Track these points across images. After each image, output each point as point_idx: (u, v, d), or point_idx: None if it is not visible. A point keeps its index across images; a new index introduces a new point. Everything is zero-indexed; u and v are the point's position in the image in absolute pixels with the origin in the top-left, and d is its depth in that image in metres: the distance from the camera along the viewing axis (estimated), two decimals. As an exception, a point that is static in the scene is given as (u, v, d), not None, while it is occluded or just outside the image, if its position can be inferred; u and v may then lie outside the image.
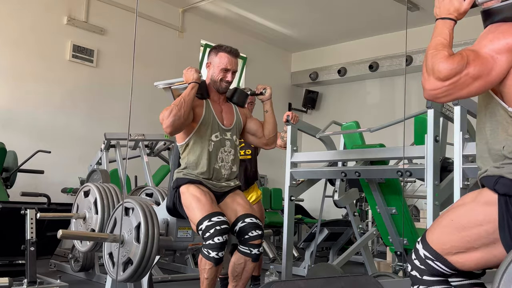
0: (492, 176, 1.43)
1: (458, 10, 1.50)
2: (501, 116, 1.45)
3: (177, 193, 2.60)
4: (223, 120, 2.71)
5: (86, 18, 6.15)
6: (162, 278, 4.02)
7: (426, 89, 1.42)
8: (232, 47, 2.74)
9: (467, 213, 1.46)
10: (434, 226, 1.56)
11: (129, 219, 2.59)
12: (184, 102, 2.49)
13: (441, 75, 1.37)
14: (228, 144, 2.69)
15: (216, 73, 2.69)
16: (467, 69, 1.36)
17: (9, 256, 3.58)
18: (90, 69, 6.18)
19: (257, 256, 2.52)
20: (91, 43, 6.18)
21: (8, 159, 4.68)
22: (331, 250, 5.20)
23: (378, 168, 3.24)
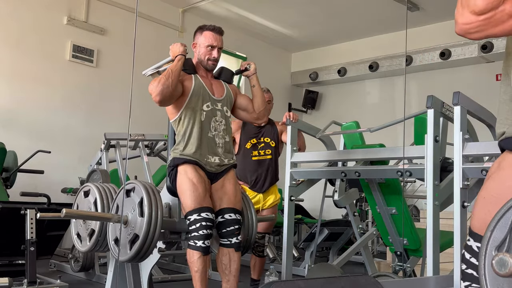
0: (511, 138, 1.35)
1: None
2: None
3: (174, 171, 2.66)
4: (213, 91, 2.78)
5: (86, 18, 6.15)
6: (162, 278, 4.02)
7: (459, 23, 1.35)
8: (217, 25, 2.82)
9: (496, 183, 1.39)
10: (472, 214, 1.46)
11: (131, 198, 2.60)
12: (172, 72, 2.56)
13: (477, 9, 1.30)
14: (219, 114, 2.75)
15: (203, 51, 2.77)
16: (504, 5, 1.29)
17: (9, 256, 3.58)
18: (90, 69, 6.18)
19: (238, 244, 2.61)
20: (91, 43, 6.18)
21: (8, 159, 4.68)
22: (331, 250, 5.20)
23: (378, 168, 3.24)
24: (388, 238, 3.51)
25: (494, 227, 1.17)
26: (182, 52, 2.68)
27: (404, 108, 6.49)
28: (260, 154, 3.60)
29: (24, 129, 5.56)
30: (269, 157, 3.62)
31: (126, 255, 2.52)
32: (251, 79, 2.89)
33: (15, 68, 5.58)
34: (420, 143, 2.96)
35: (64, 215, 2.48)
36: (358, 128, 3.72)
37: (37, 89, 5.72)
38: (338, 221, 5.46)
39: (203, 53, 2.77)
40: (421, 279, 2.73)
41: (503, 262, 0.97)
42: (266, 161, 3.61)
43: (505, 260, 0.97)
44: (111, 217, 2.61)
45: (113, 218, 2.60)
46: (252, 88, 2.90)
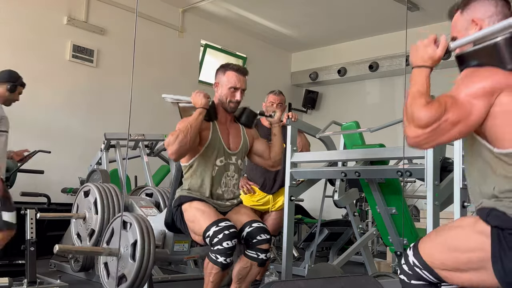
0: (486, 208, 1.45)
1: (432, 57, 1.57)
2: (487, 157, 1.47)
3: (179, 211, 2.57)
4: (229, 144, 2.67)
5: (86, 18, 6.15)
6: (162, 278, 4.02)
7: (409, 137, 1.46)
8: (241, 65, 2.73)
9: (462, 237, 1.48)
10: (428, 238, 1.58)
11: (126, 234, 2.58)
12: (191, 128, 2.45)
13: (421, 123, 1.41)
14: (232, 169, 2.66)
15: (225, 93, 2.64)
16: (445, 115, 1.39)
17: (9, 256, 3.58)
18: (90, 69, 6.18)
19: (263, 262, 2.48)
20: (91, 43, 6.18)
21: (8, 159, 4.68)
22: (331, 250, 5.20)
23: (378, 168, 3.23)
24: (388, 238, 3.51)
25: None
26: (204, 105, 2.55)
27: (404, 108, 6.46)
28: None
29: (24, 129, 5.56)
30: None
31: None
32: (273, 127, 2.80)
33: (15, 68, 5.55)
34: (420, 143, 2.95)
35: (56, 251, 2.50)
36: (358, 128, 3.72)
37: (37, 89, 5.70)
38: (338, 221, 5.46)
39: (225, 95, 2.65)
40: (421, 279, 2.73)
41: None
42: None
43: None
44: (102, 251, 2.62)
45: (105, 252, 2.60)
46: (273, 136, 2.81)
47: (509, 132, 1.41)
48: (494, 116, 1.42)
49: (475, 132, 1.48)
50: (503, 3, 1.58)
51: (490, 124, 1.42)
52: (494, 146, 1.44)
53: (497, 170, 1.44)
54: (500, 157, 1.43)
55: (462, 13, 1.64)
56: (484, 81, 1.42)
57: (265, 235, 2.49)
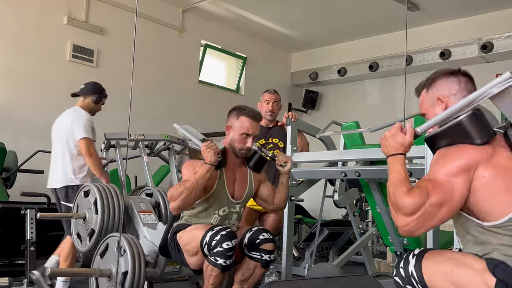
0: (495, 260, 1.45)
1: (403, 144, 1.62)
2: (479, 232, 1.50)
3: (174, 240, 2.52)
4: (234, 193, 2.62)
5: (86, 18, 6.15)
6: (162, 278, 4.01)
7: (399, 226, 1.49)
8: (255, 110, 2.64)
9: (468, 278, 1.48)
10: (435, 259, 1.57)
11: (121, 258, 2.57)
12: (197, 185, 2.39)
13: (407, 211, 1.44)
14: (234, 217, 2.63)
15: (236, 138, 2.58)
16: (429, 199, 1.42)
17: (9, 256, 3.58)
18: (90, 69, 6.18)
19: (267, 263, 2.46)
20: (91, 43, 6.18)
21: (8, 159, 4.68)
22: (331, 250, 5.20)
23: (378, 168, 3.23)
24: (388, 238, 3.51)
25: None
26: (213, 163, 2.45)
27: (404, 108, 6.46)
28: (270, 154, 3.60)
29: (24, 129, 5.56)
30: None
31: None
32: (281, 176, 2.73)
33: (15, 68, 5.58)
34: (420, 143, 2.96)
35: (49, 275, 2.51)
36: (358, 128, 3.72)
37: (37, 89, 5.71)
38: (338, 221, 5.46)
39: (236, 140, 2.58)
40: (421, 279, 2.73)
41: None
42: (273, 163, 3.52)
43: None
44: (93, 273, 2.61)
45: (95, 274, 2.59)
46: (280, 184, 2.75)
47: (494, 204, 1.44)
48: (476, 192, 1.45)
49: (461, 210, 1.51)
50: (466, 80, 1.65)
51: (473, 200, 1.45)
52: (484, 220, 1.46)
53: (493, 241, 1.46)
54: (492, 230, 1.46)
55: (428, 91, 1.70)
56: (458, 159, 1.46)
57: (267, 234, 2.47)
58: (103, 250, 2.71)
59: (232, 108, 2.67)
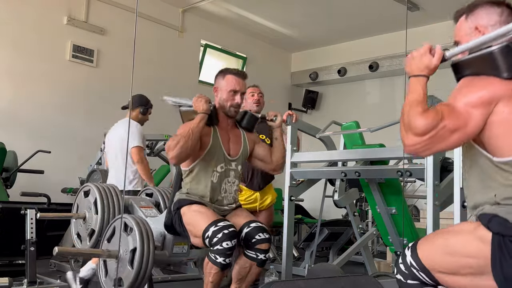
0: (488, 214, 1.44)
1: (428, 66, 1.56)
2: (487, 165, 1.47)
3: (177, 214, 2.56)
4: (229, 150, 2.67)
5: (86, 18, 6.15)
6: (162, 278, 4.02)
7: (406, 145, 1.47)
8: (239, 69, 2.73)
9: (462, 242, 1.48)
10: (427, 240, 1.58)
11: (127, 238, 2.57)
12: (192, 133, 2.44)
13: (418, 131, 1.42)
14: (232, 175, 2.66)
15: (225, 97, 2.63)
16: (442, 122, 1.40)
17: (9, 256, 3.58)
18: (90, 69, 6.18)
19: (263, 262, 2.48)
20: (91, 43, 6.18)
21: (8, 159, 4.68)
22: (331, 250, 5.20)
23: (378, 168, 3.23)
24: (388, 238, 3.51)
25: None
26: (206, 111, 2.54)
27: (404, 108, 6.47)
28: None
29: (24, 129, 5.56)
30: None
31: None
32: (274, 131, 2.79)
33: (15, 68, 5.58)
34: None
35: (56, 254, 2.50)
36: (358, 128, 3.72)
37: (37, 89, 5.71)
38: (338, 221, 5.46)
39: (225, 99, 2.64)
40: (421, 279, 2.73)
41: None
42: None
43: None
44: (101, 253, 2.61)
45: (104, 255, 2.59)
46: (274, 140, 2.80)
47: (508, 141, 1.41)
48: (492, 126, 1.42)
49: (473, 141, 1.49)
50: (508, 12, 1.57)
51: (488, 134, 1.43)
52: (494, 155, 1.44)
53: (497, 179, 1.44)
54: (499, 166, 1.44)
55: (467, 18, 1.64)
56: (481, 91, 1.42)
57: (264, 235, 2.48)
58: (110, 234, 2.71)
59: (218, 71, 2.74)
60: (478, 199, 1.51)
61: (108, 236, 2.72)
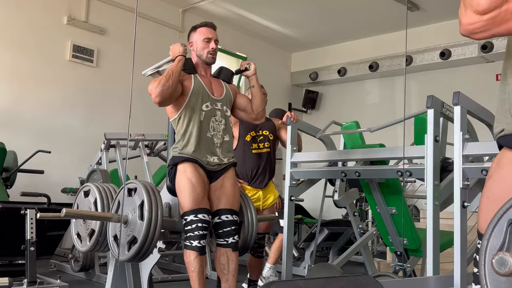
0: (510, 135, 1.35)
1: None
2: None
3: (173, 170, 2.67)
4: (213, 91, 2.79)
5: (86, 18, 6.15)
6: (162, 278, 4.02)
7: (463, 24, 1.34)
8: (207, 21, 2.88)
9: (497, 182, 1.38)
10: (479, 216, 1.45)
11: (132, 198, 2.60)
12: (172, 73, 2.58)
13: (480, 8, 1.29)
14: (218, 114, 2.76)
15: (200, 45, 2.79)
16: (508, 4, 1.28)
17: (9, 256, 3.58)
18: (90, 69, 6.18)
19: (235, 244, 2.61)
20: (91, 43, 6.18)
21: (8, 159, 4.68)
22: (331, 250, 5.20)
23: (378, 168, 3.23)
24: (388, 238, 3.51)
25: (493, 228, 1.18)
26: (182, 53, 2.68)
27: (404, 108, 6.49)
28: (259, 147, 3.54)
29: (24, 129, 5.56)
30: (267, 150, 3.57)
31: (124, 256, 2.53)
32: (250, 80, 2.90)
33: (15, 68, 5.58)
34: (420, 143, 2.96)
35: (64, 214, 2.48)
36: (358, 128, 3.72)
37: (37, 89, 5.72)
38: (338, 221, 5.46)
39: (201, 48, 2.79)
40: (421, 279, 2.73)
41: (503, 261, 0.97)
42: (265, 154, 3.56)
43: (504, 259, 0.97)
44: (111, 217, 2.62)
45: (113, 218, 2.60)
46: (251, 88, 2.91)
47: None
48: None
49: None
50: None
51: None
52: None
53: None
54: None
55: None
56: None
57: (232, 227, 2.64)
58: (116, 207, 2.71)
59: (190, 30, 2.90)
60: (504, 103, 1.39)
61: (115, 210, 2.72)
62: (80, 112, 6.04)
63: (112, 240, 2.70)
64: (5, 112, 5.44)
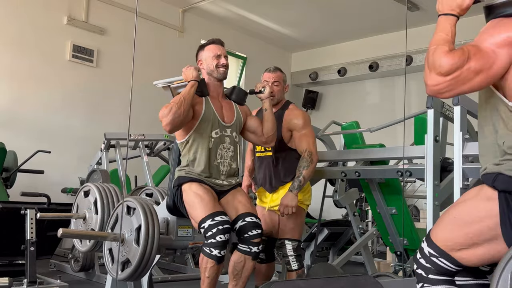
0: (491, 173, 1.43)
1: (460, 6, 1.49)
2: (502, 111, 1.44)
3: (179, 191, 2.60)
4: (223, 117, 2.71)
5: (86, 18, 6.15)
6: (162, 278, 4.02)
7: (429, 85, 1.41)
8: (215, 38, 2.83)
9: (469, 209, 1.46)
10: (437, 223, 1.57)
11: (130, 219, 2.59)
12: (184, 100, 2.49)
13: (443, 70, 1.37)
14: (227, 141, 2.70)
15: (210, 63, 2.72)
16: (468, 63, 1.35)
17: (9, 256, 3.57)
18: (90, 69, 6.18)
19: (256, 255, 2.53)
20: (91, 43, 6.18)
21: (8, 159, 4.68)
22: (331, 250, 5.20)
23: (378, 168, 3.24)
24: (388, 238, 3.52)
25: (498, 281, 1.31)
26: (195, 78, 2.61)
27: (404, 108, 6.49)
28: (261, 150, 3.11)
29: (24, 129, 5.56)
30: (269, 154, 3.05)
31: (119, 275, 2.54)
32: (264, 103, 2.81)
33: (15, 68, 5.58)
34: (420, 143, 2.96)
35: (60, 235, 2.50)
36: (358, 128, 3.72)
37: (37, 89, 5.71)
38: (338, 221, 5.45)
39: (211, 64, 2.72)
40: (421, 279, 2.72)
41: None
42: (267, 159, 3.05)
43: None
44: (107, 236, 2.62)
45: (109, 237, 2.60)
46: (264, 111, 2.81)
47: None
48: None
49: (493, 86, 1.45)
50: None
51: (510, 78, 1.39)
52: (510, 100, 1.41)
53: (509, 125, 1.41)
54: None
55: None
56: (508, 31, 1.38)
57: (257, 231, 2.53)
58: (113, 221, 2.71)
59: (197, 48, 2.85)
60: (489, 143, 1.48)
61: (112, 224, 2.72)
62: (80, 112, 6.04)
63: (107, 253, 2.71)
64: (5, 112, 5.43)
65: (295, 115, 3.02)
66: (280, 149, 3.01)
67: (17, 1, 5.63)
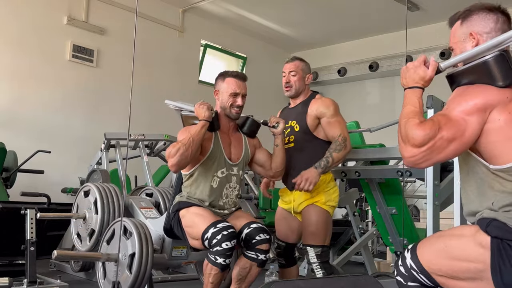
0: (486, 219, 1.45)
1: (423, 78, 1.57)
2: (484, 174, 1.48)
3: (176, 216, 2.55)
4: (230, 155, 2.65)
5: (86, 18, 6.15)
6: (162, 278, 4.02)
7: (405, 157, 1.47)
8: (239, 71, 2.70)
9: (462, 246, 1.47)
10: (427, 243, 1.58)
11: (126, 242, 2.58)
12: (193, 141, 2.42)
13: (416, 142, 1.42)
14: (234, 180, 2.65)
15: (226, 99, 2.61)
16: (440, 133, 1.40)
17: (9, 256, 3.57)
18: (90, 69, 6.18)
19: (263, 262, 2.48)
20: (91, 43, 6.18)
21: (8, 159, 4.68)
22: (331, 250, 5.20)
23: (378, 168, 3.24)
24: (388, 238, 3.52)
25: None
26: (207, 118, 2.51)
27: (404, 108, 6.47)
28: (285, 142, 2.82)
29: (24, 129, 5.56)
30: (291, 145, 2.82)
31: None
32: (276, 138, 2.70)
33: (15, 68, 5.58)
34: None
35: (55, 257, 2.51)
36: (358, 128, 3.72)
37: (37, 89, 5.71)
38: (338, 221, 5.46)
39: (226, 101, 2.61)
40: (421, 279, 2.72)
41: None
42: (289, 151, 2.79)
43: None
44: (100, 257, 2.62)
45: (102, 258, 2.61)
46: (275, 147, 2.72)
47: (504, 148, 1.42)
48: (488, 133, 1.43)
49: (470, 150, 1.49)
50: (504, 20, 1.57)
51: (484, 141, 1.44)
52: (490, 163, 1.45)
53: (495, 186, 1.45)
54: (496, 173, 1.44)
55: (462, 24, 1.64)
56: (476, 98, 1.43)
57: (264, 235, 2.48)
58: (109, 236, 2.71)
59: (218, 74, 2.72)
60: (476, 206, 1.51)
61: (108, 238, 2.72)
62: (80, 112, 6.04)
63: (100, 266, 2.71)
64: (5, 112, 5.43)
65: (323, 102, 2.84)
66: (303, 140, 2.80)
67: (18, 1, 5.63)
